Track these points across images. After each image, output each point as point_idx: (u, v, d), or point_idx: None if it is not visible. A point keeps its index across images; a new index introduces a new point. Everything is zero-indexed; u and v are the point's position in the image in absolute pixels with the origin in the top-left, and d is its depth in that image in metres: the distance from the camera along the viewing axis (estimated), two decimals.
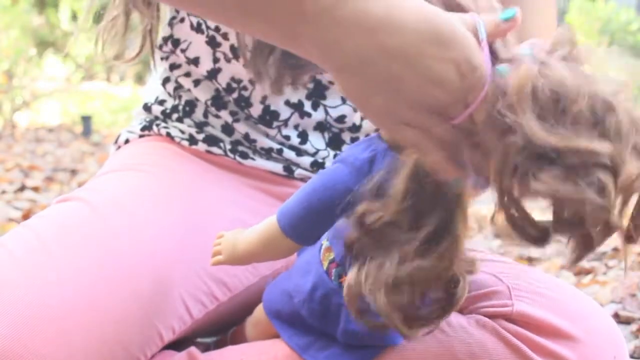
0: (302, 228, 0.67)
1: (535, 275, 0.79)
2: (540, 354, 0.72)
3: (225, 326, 0.90)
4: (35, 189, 3.35)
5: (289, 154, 0.93)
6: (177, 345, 0.83)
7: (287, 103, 0.92)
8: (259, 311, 0.82)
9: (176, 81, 0.97)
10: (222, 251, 0.73)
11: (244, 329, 0.86)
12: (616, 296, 1.70)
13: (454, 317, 0.75)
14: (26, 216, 2.52)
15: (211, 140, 0.94)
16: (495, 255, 0.87)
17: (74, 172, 4.09)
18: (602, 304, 0.80)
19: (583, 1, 6.46)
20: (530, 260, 2.20)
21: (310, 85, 0.92)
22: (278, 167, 0.94)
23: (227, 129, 0.94)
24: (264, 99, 0.92)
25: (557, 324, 0.73)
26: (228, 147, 0.94)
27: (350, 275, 0.63)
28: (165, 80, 0.98)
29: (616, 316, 1.59)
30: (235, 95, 0.93)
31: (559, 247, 2.43)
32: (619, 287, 1.73)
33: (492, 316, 0.74)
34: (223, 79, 0.93)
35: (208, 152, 0.94)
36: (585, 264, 2.09)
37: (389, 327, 0.62)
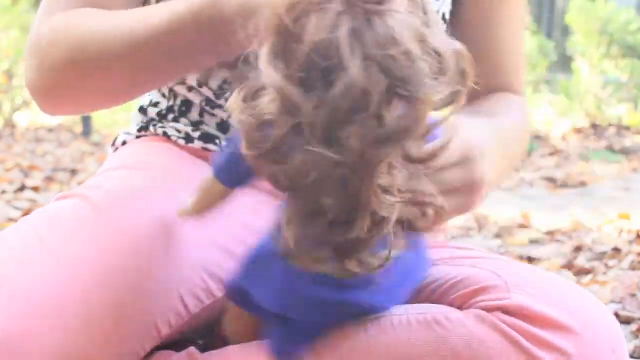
0: (227, 168, 0.72)
1: (534, 271, 0.80)
2: (538, 346, 0.72)
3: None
4: (35, 189, 3.35)
5: None
6: (177, 346, 0.84)
7: None
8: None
9: (169, 88, 0.97)
10: (181, 212, 0.77)
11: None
12: (616, 296, 1.71)
13: (453, 312, 0.75)
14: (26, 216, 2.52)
15: (207, 138, 0.95)
16: (494, 255, 0.87)
17: (74, 172, 4.09)
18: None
19: (583, 1, 6.46)
20: (530, 260, 2.21)
21: None
22: None
23: (223, 127, 0.95)
24: None
25: (555, 316, 0.73)
26: (224, 144, 0.94)
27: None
28: None
29: (616, 316, 1.59)
30: (228, 95, 0.93)
31: (559, 247, 2.44)
32: (619, 287, 1.73)
33: (490, 310, 0.74)
34: (214, 83, 0.93)
35: (204, 149, 0.95)
36: (585, 264, 2.09)
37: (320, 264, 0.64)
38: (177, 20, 0.73)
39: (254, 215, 0.87)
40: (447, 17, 0.99)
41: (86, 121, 6.32)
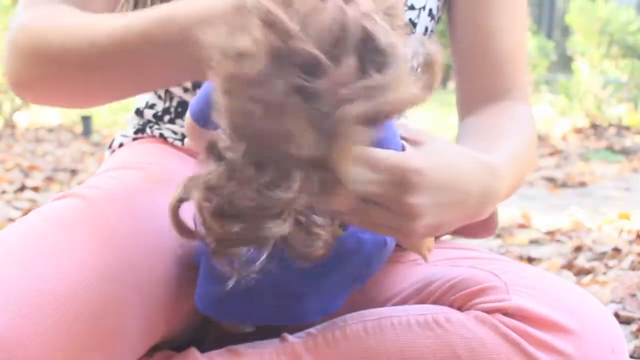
0: (200, 110, 0.72)
1: (533, 272, 0.79)
2: (538, 348, 0.72)
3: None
4: (35, 189, 3.36)
5: None
6: (176, 347, 0.84)
7: None
8: None
9: (165, 89, 0.97)
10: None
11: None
12: (616, 296, 1.71)
13: (453, 313, 0.75)
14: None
15: None
16: (494, 254, 0.87)
17: (74, 172, 4.10)
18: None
19: (583, 1, 6.46)
20: (530, 260, 2.21)
21: None
22: None
23: None
24: None
25: (555, 317, 0.73)
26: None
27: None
28: None
29: (616, 316, 1.59)
30: None
31: (559, 247, 2.44)
32: (619, 287, 1.73)
33: (490, 311, 0.74)
34: None
35: None
36: (585, 264, 2.09)
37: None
38: (131, 33, 0.73)
39: None
40: (435, 12, 0.96)
41: (86, 121, 6.32)
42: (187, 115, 0.76)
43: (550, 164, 4.75)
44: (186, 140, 0.80)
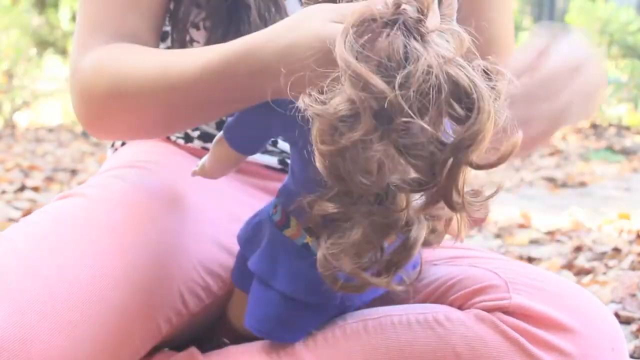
0: (236, 132, 0.75)
1: (533, 270, 0.80)
2: (538, 346, 0.72)
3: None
4: (35, 189, 3.35)
5: (284, 145, 0.94)
6: (176, 347, 0.84)
7: None
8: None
9: None
10: (199, 167, 0.81)
11: (227, 314, 0.87)
12: (616, 296, 1.70)
13: (453, 312, 0.76)
14: (26, 216, 2.52)
15: (206, 137, 0.95)
16: (494, 254, 0.87)
17: (74, 172, 4.09)
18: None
19: (583, 1, 6.46)
20: (530, 260, 2.21)
21: None
22: (273, 161, 0.95)
23: (221, 126, 0.95)
24: None
25: (554, 316, 0.73)
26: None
27: (319, 252, 0.67)
28: None
29: (616, 316, 1.59)
30: None
31: (559, 247, 2.43)
32: (619, 287, 1.73)
33: (490, 310, 0.75)
34: None
35: (203, 148, 0.95)
36: (585, 264, 2.09)
37: (365, 285, 0.67)
38: (210, 70, 0.73)
39: (249, 211, 0.88)
40: None
41: None
42: (220, 136, 0.77)
43: (550, 164, 4.75)
44: (203, 159, 0.80)
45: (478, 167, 0.60)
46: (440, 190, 0.61)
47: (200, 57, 0.74)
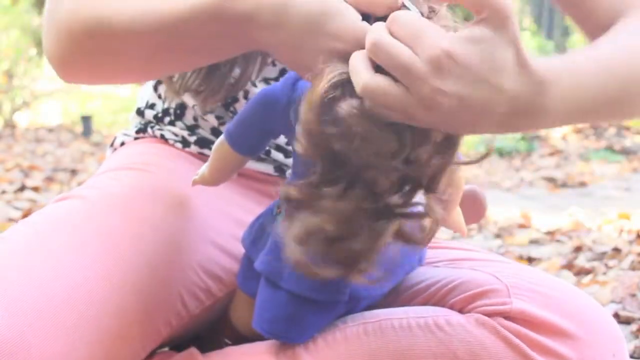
0: (236, 133, 0.75)
1: (533, 274, 0.79)
2: (539, 352, 0.72)
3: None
4: (35, 189, 3.36)
5: (277, 155, 0.94)
6: (176, 347, 0.84)
7: None
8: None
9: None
10: (199, 175, 0.80)
11: (229, 316, 0.87)
12: (616, 296, 1.70)
13: (454, 316, 0.75)
14: (26, 216, 2.52)
15: (203, 143, 0.95)
16: (494, 255, 0.87)
17: (74, 172, 4.10)
18: (602, 304, 0.81)
19: None
20: (530, 260, 2.21)
21: None
22: (269, 168, 0.94)
23: (216, 132, 0.95)
24: (246, 93, 0.93)
25: (556, 321, 0.73)
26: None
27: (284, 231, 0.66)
28: (158, 83, 0.99)
29: (616, 316, 1.59)
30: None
31: (559, 247, 2.43)
32: (619, 287, 1.73)
33: (491, 314, 0.74)
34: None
35: (200, 153, 0.95)
36: (585, 264, 2.09)
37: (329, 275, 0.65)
38: (200, 11, 0.71)
39: (249, 214, 0.88)
40: None
41: (86, 121, 6.32)
42: (221, 139, 0.77)
43: (550, 164, 4.75)
44: (202, 168, 0.79)
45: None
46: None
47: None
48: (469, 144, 5.25)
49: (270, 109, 0.71)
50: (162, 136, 0.97)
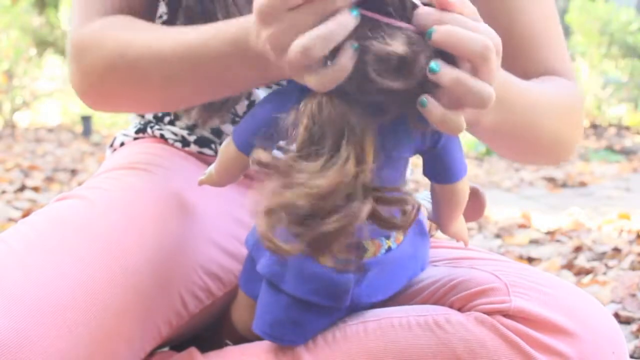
0: (244, 134, 0.74)
1: (533, 272, 0.79)
2: (538, 350, 0.72)
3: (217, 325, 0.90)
4: (35, 189, 3.36)
5: (279, 155, 0.94)
6: (177, 347, 0.84)
7: None
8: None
9: None
10: (206, 175, 0.80)
11: (230, 317, 0.87)
12: (616, 296, 1.70)
13: (453, 315, 0.75)
14: (26, 216, 2.52)
15: (202, 142, 0.95)
16: (494, 255, 0.87)
17: (74, 172, 4.10)
18: (602, 304, 0.81)
19: (583, 1, 6.46)
20: (530, 260, 2.21)
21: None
22: None
23: (216, 132, 0.95)
24: (249, 95, 0.93)
25: (555, 319, 0.73)
26: (219, 147, 0.94)
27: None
28: None
29: (616, 316, 1.59)
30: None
31: (559, 247, 2.43)
32: (619, 287, 1.73)
33: (491, 313, 0.74)
34: None
35: (200, 153, 0.95)
36: (585, 264, 2.09)
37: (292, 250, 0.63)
38: (216, 41, 0.72)
39: (245, 211, 0.88)
40: None
41: (86, 121, 6.32)
42: (229, 139, 0.76)
43: None
44: (210, 168, 0.79)
45: None
46: None
47: (205, 31, 0.74)
48: (470, 144, 5.25)
49: (278, 110, 0.70)
50: (162, 136, 0.97)
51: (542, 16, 0.93)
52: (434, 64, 0.62)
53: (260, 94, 0.92)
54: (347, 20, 0.61)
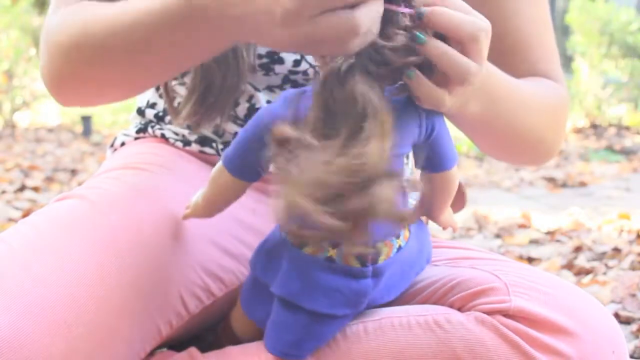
0: (236, 159, 0.73)
1: (533, 272, 0.79)
2: (538, 350, 0.72)
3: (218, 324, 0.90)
4: (35, 189, 3.36)
5: None
6: (177, 346, 0.84)
7: (269, 102, 0.93)
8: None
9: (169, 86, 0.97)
10: (191, 207, 0.79)
11: (230, 321, 0.87)
12: (616, 296, 1.70)
13: (453, 315, 0.75)
14: (26, 216, 2.52)
15: (203, 141, 0.95)
16: (494, 255, 0.87)
17: (74, 172, 4.10)
18: (602, 304, 0.81)
19: (583, 1, 6.46)
20: (530, 260, 2.21)
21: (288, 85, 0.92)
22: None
23: (218, 131, 0.95)
24: (250, 97, 0.93)
25: (555, 319, 0.73)
26: (220, 147, 0.94)
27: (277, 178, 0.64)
28: None
29: (616, 316, 1.59)
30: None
31: (559, 247, 2.43)
32: (619, 287, 1.73)
33: (491, 312, 0.74)
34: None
35: (201, 152, 0.95)
36: (585, 264, 2.09)
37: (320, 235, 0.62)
38: (168, 10, 0.71)
39: (248, 213, 0.88)
40: None
41: (86, 121, 6.31)
42: (219, 165, 0.75)
43: (550, 164, 4.75)
44: (195, 197, 0.79)
45: None
46: None
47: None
48: (470, 145, 5.25)
49: (268, 125, 0.68)
50: (163, 135, 0.97)
51: (535, 19, 0.95)
52: (420, 34, 0.63)
53: (262, 97, 0.92)
54: None
